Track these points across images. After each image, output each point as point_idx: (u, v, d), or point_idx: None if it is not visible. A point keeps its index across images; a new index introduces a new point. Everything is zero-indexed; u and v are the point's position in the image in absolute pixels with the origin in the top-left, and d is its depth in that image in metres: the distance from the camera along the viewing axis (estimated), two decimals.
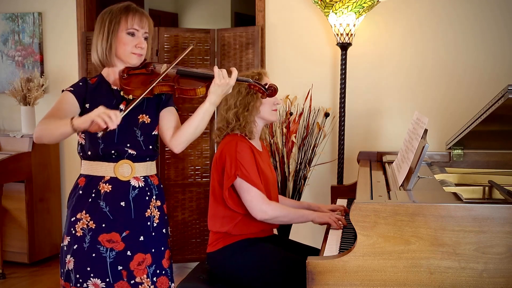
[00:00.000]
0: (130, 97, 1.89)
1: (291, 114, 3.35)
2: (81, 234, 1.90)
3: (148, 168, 2.01)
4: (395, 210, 1.63)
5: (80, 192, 1.94)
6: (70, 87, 1.94)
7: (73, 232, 1.91)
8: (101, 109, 1.69)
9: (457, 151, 2.71)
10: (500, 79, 3.20)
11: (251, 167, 2.21)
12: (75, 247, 1.90)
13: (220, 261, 2.26)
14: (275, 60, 3.67)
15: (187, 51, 2.01)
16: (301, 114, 3.38)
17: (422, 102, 3.37)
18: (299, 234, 3.36)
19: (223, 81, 1.90)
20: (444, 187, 2.01)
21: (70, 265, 1.91)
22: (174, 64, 1.94)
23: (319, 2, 3.20)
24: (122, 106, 1.94)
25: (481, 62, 3.25)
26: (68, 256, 1.92)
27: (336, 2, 3.12)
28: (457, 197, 1.72)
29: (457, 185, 2.30)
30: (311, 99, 3.44)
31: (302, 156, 3.37)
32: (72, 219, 1.92)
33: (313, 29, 3.57)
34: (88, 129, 1.70)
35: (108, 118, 1.66)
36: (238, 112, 2.29)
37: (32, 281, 3.71)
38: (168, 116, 2.04)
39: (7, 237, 3.93)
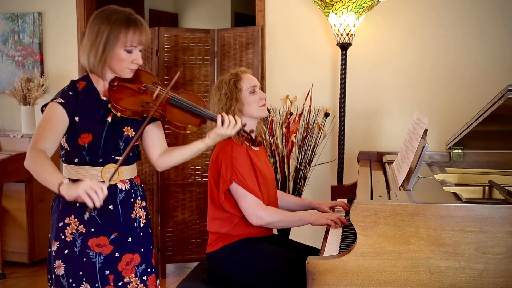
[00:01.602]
0: (118, 114, 1.85)
1: (291, 114, 3.35)
2: (71, 239, 1.88)
3: (132, 170, 2.00)
4: (395, 210, 1.63)
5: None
6: (60, 97, 1.85)
7: (62, 237, 1.89)
8: (87, 184, 1.65)
9: (457, 151, 2.71)
10: (500, 79, 3.19)
11: (247, 172, 2.21)
12: (65, 252, 1.89)
13: (220, 261, 2.26)
14: (275, 60, 3.67)
15: (176, 76, 1.96)
16: (301, 114, 3.38)
17: (422, 102, 3.37)
18: (299, 234, 3.36)
19: (226, 132, 1.90)
20: (444, 187, 2.01)
21: (61, 271, 1.89)
22: (167, 91, 1.89)
23: (319, 2, 3.20)
24: (109, 119, 1.88)
25: (481, 62, 3.25)
26: (58, 261, 1.90)
27: (336, 2, 3.12)
28: (457, 197, 1.72)
29: (457, 185, 2.30)
30: (311, 99, 3.44)
31: (302, 156, 3.37)
32: (60, 224, 1.89)
33: (313, 29, 3.57)
34: (73, 200, 1.71)
35: (95, 195, 1.64)
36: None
37: (32, 281, 3.71)
38: (155, 133, 2.01)
39: (7, 237, 3.93)
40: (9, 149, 3.95)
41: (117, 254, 1.93)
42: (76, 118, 1.85)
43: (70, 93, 1.88)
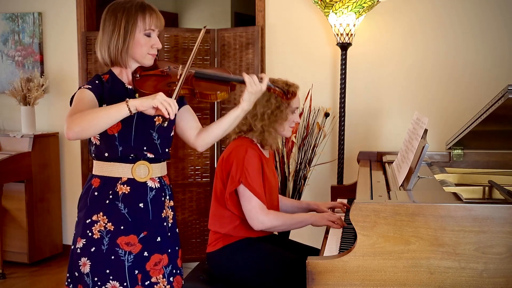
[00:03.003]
0: None
1: None
2: (99, 236, 1.86)
3: (163, 168, 1.99)
4: (395, 210, 1.63)
5: (96, 193, 1.89)
6: (87, 84, 1.86)
7: (89, 234, 1.87)
8: (162, 96, 1.67)
9: (457, 151, 2.71)
10: (500, 79, 3.19)
11: (256, 175, 2.21)
12: (92, 250, 1.87)
13: (220, 261, 2.26)
14: (275, 60, 3.67)
15: (196, 47, 1.93)
16: (301, 114, 3.38)
17: (422, 102, 3.37)
18: (299, 234, 3.36)
19: (256, 88, 1.88)
20: (444, 187, 2.01)
21: (86, 268, 1.87)
22: (189, 64, 1.86)
23: (319, 2, 3.20)
24: None
25: (481, 62, 3.25)
26: (84, 259, 1.87)
27: (336, 2, 3.12)
28: (457, 197, 1.72)
29: (457, 185, 2.30)
30: (311, 99, 3.44)
31: (302, 156, 3.37)
32: (88, 221, 1.88)
33: (313, 29, 3.57)
34: (145, 112, 1.69)
35: (169, 107, 1.66)
36: (265, 125, 2.27)
37: (32, 281, 3.71)
38: (187, 115, 2.02)
39: (7, 237, 3.93)
40: (9, 149, 3.95)
41: (145, 254, 1.91)
42: (104, 105, 1.83)
43: (97, 81, 1.89)
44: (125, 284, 1.87)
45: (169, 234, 1.98)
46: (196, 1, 7.09)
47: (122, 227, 1.87)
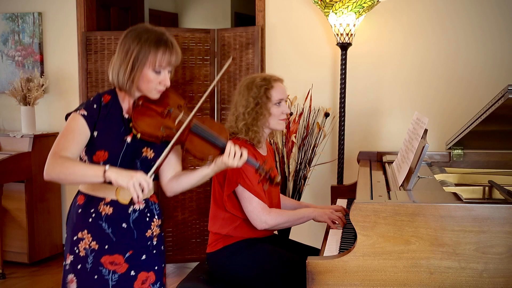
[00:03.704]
0: (138, 135, 1.82)
1: (291, 114, 3.35)
2: (84, 254, 1.87)
3: (149, 190, 1.96)
4: (395, 210, 1.63)
5: (80, 210, 1.89)
6: (84, 109, 1.82)
7: (76, 251, 1.88)
8: (139, 178, 1.68)
9: (457, 151, 2.71)
10: (500, 79, 3.19)
11: (253, 176, 2.20)
12: (78, 267, 1.87)
13: (220, 262, 2.26)
14: (275, 60, 3.67)
15: (228, 63, 1.91)
16: (301, 114, 3.38)
17: (422, 102, 3.37)
18: (299, 234, 3.36)
19: (230, 162, 1.85)
20: (444, 187, 2.01)
21: (73, 285, 1.88)
22: (190, 118, 1.83)
23: (319, 2, 3.20)
24: (128, 139, 1.85)
25: (481, 62, 3.25)
26: (71, 276, 1.89)
27: (336, 2, 3.12)
28: (457, 197, 1.72)
29: (457, 185, 2.30)
30: (311, 99, 3.44)
31: (302, 156, 3.37)
32: (74, 238, 1.89)
33: (313, 29, 3.57)
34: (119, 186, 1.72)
35: (140, 192, 1.68)
36: (247, 124, 2.25)
37: (32, 281, 3.71)
38: (171, 157, 1.97)
39: (7, 237, 3.93)
40: (9, 149, 3.95)
41: (132, 273, 1.90)
42: (95, 133, 1.82)
43: (94, 106, 1.84)
44: None
45: (154, 251, 1.97)
46: (196, 1, 7.10)
47: (106, 247, 1.87)
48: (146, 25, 1.88)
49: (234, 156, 1.84)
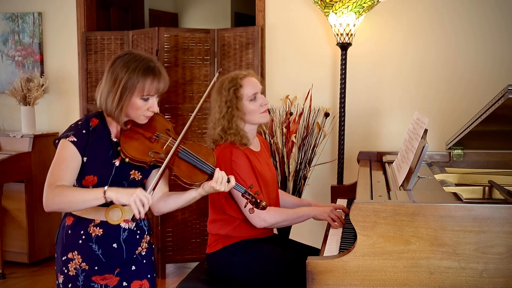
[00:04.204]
0: (127, 160, 1.82)
1: (291, 114, 3.35)
2: (74, 273, 1.88)
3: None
4: (395, 210, 1.63)
5: (69, 231, 1.89)
6: (73, 135, 1.82)
7: (66, 271, 1.89)
8: (139, 194, 1.70)
9: (457, 151, 2.71)
10: (500, 79, 3.19)
11: (247, 175, 2.20)
12: (69, 286, 1.90)
13: (220, 262, 2.26)
14: (275, 60, 3.67)
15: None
16: (301, 114, 3.38)
17: (422, 102, 3.37)
18: (299, 234, 3.36)
19: (219, 187, 1.87)
20: (444, 187, 2.01)
21: None
22: (177, 144, 1.84)
23: (319, 2, 3.20)
24: (117, 163, 1.86)
25: (481, 62, 3.25)
26: None
27: (336, 2, 3.12)
28: (457, 197, 1.72)
29: (457, 185, 2.30)
30: (311, 99, 3.44)
31: (302, 156, 3.37)
32: (64, 258, 1.90)
33: (313, 29, 3.57)
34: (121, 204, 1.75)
35: (142, 207, 1.70)
36: (224, 128, 2.24)
37: (32, 281, 3.71)
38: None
39: (7, 237, 3.93)
40: (9, 149, 3.95)
41: (124, 284, 1.92)
42: (84, 159, 1.82)
43: (83, 131, 1.85)
44: None
45: (144, 261, 1.98)
46: (196, 1, 7.10)
47: (96, 268, 1.88)
48: (133, 52, 1.88)
49: (221, 181, 1.87)
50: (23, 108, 4.01)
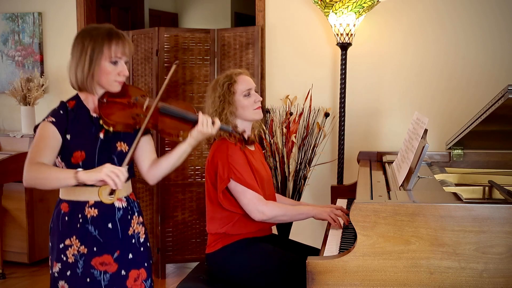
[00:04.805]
0: (110, 129, 1.86)
1: (291, 114, 3.35)
2: (73, 260, 1.89)
3: (128, 187, 2.01)
4: (395, 210, 1.63)
5: (66, 218, 1.90)
6: (52, 116, 1.86)
7: (64, 258, 1.90)
8: (109, 168, 1.70)
9: (457, 151, 2.71)
10: (500, 79, 3.20)
11: (244, 169, 2.21)
12: (68, 273, 1.89)
13: (219, 262, 2.26)
14: (275, 60, 3.68)
15: (166, 81, 1.96)
16: (301, 114, 3.38)
17: (422, 102, 3.37)
18: (299, 234, 3.36)
19: (205, 129, 1.92)
20: (444, 187, 2.01)
21: None
22: (156, 101, 1.90)
23: (319, 2, 3.20)
24: (101, 135, 1.89)
25: (481, 62, 3.25)
26: (61, 282, 1.90)
27: (336, 2, 3.12)
28: (457, 197, 1.72)
29: (457, 185, 2.30)
30: (311, 99, 3.44)
31: (302, 156, 3.37)
32: (61, 246, 1.90)
33: (313, 29, 3.57)
34: (94, 184, 1.74)
35: (116, 178, 1.69)
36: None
37: (32, 281, 3.71)
38: (145, 147, 2.02)
39: (7, 237, 3.93)
40: (9, 149, 3.95)
41: (123, 272, 1.93)
42: (68, 136, 1.85)
43: (61, 111, 1.89)
44: None
45: (141, 249, 2.00)
46: (196, 1, 7.10)
47: (95, 249, 1.89)
48: (93, 24, 1.96)
49: (207, 123, 1.93)
50: (23, 108, 4.01)
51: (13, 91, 3.99)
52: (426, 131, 1.99)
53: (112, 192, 1.77)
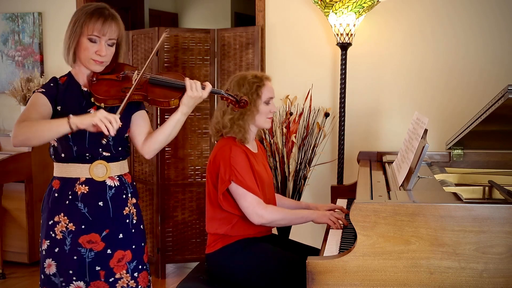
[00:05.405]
0: (102, 105, 1.87)
1: (291, 114, 3.35)
2: (61, 237, 1.90)
3: (122, 167, 2.01)
4: (395, 210, 1.63)
5: (56, 195, 1.92)
6: (42, 87, 1.91)
7: (52, 235, 1.91)
8: (103, 113, 1.71)
9: (457, 151, 2.71)
10: (500, 79, 3.20)
11: (245, 171, 2.21)
12: (56, 250, 1.90)
13: (219, 262, 2.26)
14: (275, 60, 3.67)
15: (153, 53, 2.01)
16: (301, 114, 3.38)
17: (422, 102, 3.37)
18: (299, 234, 3.36)
19: (195, 94, 1.90)
20: (444, 187, 2.01)
21: (52, 269, 1.92)
22: (144, 70, 1.93)
23: (319, 2, 3.20)
24: (92, 110, 1.91)
25: (481, 62, 3.25)
26: (49, 260, 1.92)
27: (336, 2, 3.12)
28: (457, 197, 1.72)
29: (457, 185, 2.30)
30: (311, 99, 3.44)
31: (302, 156, 3.37)
32: (50, 223, 1.91)
33: (313, 29, 3.57)
34: (87, 129, 1.74)
35: (109, 124, 1.70)
36: (234, 119, 2.26)
37: (32, 281, 3.71)
38: (139, 121, 2.03)
39: (7, 237, 3.93)
40: (9, 149, 3.95)
41: (109, 251, 1.94)
42: (58, 108, 1.88)
43: (51, 84, 1.94)
44: (85, 279, 1.90)
45: (133, 230, 2.00)
46: (196, 1, 7.10)
47: (83, 226, 1.90)
48: (93, 3, 1.98)
49: (196, 87, 1.91)
50: (23, 108, 4.00)
51: (13, 91, 3.99)
52: (426, 131, 1.99)
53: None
